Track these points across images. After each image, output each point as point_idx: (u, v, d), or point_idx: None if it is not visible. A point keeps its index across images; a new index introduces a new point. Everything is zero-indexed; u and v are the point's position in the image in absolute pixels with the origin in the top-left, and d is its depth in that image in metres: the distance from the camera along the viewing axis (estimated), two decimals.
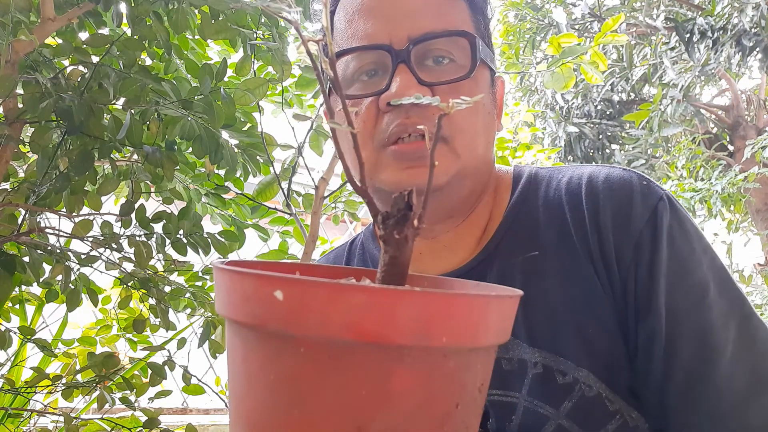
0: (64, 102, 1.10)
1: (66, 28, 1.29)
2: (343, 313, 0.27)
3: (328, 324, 0.27)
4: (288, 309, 0.27)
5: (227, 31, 1.26)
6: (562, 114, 7.05)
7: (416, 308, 0.27)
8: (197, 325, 1.62)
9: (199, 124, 1.26)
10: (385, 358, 0.28)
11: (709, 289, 0.59)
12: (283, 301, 0.27)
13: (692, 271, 0.60)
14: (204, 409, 3.49)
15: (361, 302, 0.27)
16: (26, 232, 1.23)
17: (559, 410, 0.63)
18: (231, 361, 0.32)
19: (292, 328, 0.27)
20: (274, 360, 0.28)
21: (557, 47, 1.76)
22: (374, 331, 0.27)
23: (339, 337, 0.27)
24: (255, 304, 0.28)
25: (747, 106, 7.54)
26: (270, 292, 0.27)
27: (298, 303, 0.27)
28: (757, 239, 7.02)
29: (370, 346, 0.27)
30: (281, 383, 0.28)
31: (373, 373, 0.27)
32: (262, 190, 1.58)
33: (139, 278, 1.37)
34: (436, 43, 0.62)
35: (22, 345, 1.69)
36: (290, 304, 0.27)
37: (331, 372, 0.27)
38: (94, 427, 1.49)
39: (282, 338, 0.28)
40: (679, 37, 5.75)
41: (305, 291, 0.27)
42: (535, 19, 6.67)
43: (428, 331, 0.27)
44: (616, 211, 0.62)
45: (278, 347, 0.28)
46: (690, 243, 0.61)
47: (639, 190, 0.63)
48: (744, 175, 5.36)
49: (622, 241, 0.61)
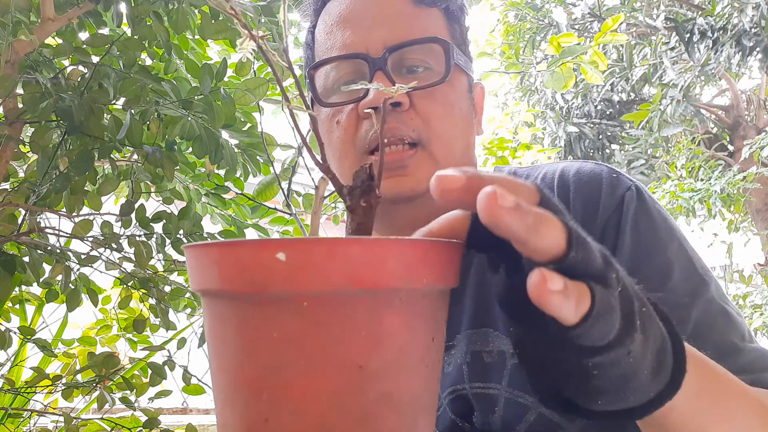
0: (64, 102, 1.10)
1: (66, 28, 1.29)
2: (342, 264, 0.29)
3: (329, 276, 0.29)
4: (290, 269, 0.29)
5: (227, 31, 1.27)
6: (562, 114, 7.05)
7: (403, 254, 0.31)
8: (197, 325, 1.62)
9: (199, 124, 1.26)
10: (378, 303, 0.31)
11: (673, 273, 0.59)
12: (285, 261, 0.29)
13: (654, 256, 0.60)
14: (204, 409, 3.49)
15: (358, 252, 0.29)
16: (26, 232, 1.23)
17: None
18: (220, 335, 0.33)
19: (295, 287, 0.29)
20: (276, 321, 0.30)
21: (557, 47, 1.76)
22: (371, 277, 0.30)
23: (339, 287, 0.29)
24: (255, 270, 0.30)
25: (747, 106, 7.54)
26: (272, 255, 0.29)
27: (300, 261, 0.29)
28: (757, 239, 7.02)
29: (366, 292, 0.30)
30: (285, 342, 0.30)
31: (369, 317, 0.30)
32: (262, 190, 1.58)
33: (139, 278, 1.37)
34: (411, 51, 0.64)
35: (22, 345, 1.69)
36: (293, 263, 0.29)
37: (333, 321, 0.30)
38: (94, 427, 1.49)
39: (284, 298, 0.30)
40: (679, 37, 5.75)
41: (307, 249, 0.29)
42: (535, 19, 6.67)
43: (413, 274, 0.31)
44: (585, 202, 0.64)
45: (280, 308, 0.30)
46: (655, 230, 0.62)
47: (608, 182, 0.64)
48: (743, 174, 5.36)
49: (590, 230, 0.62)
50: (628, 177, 0.66)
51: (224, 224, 1.60)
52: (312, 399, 0.30)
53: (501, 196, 0.28)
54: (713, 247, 6.84)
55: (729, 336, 0.57)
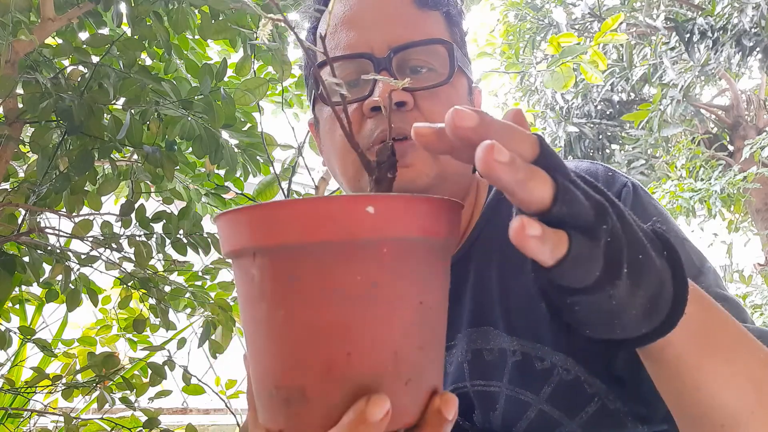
0: (64, 102, 1.10)
1: (66, 28, 1.29)
2: (416, 217, 0.36)
3: (407, 227, 0.35)
4: (377, 220, 0.34)
5: (227, 31, 1.27)
6: (562, 114, 7.05)
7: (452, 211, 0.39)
8: (197, 325, 1.62)
9: (199, 124, 1.26)
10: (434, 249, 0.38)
11: None
12: (373, 214, 0.34)
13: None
14: (204, 409, 3.49)
15: (427, 208, 0.36)
16: (26, 232, 1.23)
17: (539, 395, 0.64)
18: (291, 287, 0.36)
19: (380, 234, 0.35)
20: (361, 266, 0.35)
21: (557, 47, 1.76)
22: (433, 228, 0.36)
23: (412, 236, 0.35)
24: (346, 220, 0.34)
25: (747, 106, 7.54)
26: (363, 209, 0.34)
27: (386, 214, 0.34)
28: (757, 239, 7.02)
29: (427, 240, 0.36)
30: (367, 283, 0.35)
31: (429, 261, 0.37)
32: (262, 190, 1.58)
33: (139, 278, 1.37)
34: (415, 53, 0.65)
35: (22, 345, 1.69)
36: (380, 215, 0.34)
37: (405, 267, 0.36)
38: (94, 427, 1.49)
39: (369, 245, 0.35)
40: (679, 37, 5.75)
41: (389, 204, 0.35)
42: (535, 19, 6.67)
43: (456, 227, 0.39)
44: None
45: (365, 254, 0.35)
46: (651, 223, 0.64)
47: (604, 180, 0.66)
48: (743, 175, 5.36)
49: None
50: (623, 174, 0.67)
51: None
52: (387, 332, 0.36)
53: (498, 150, 0.31)
54: (713, 247, 6.85)
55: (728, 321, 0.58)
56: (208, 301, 1.48)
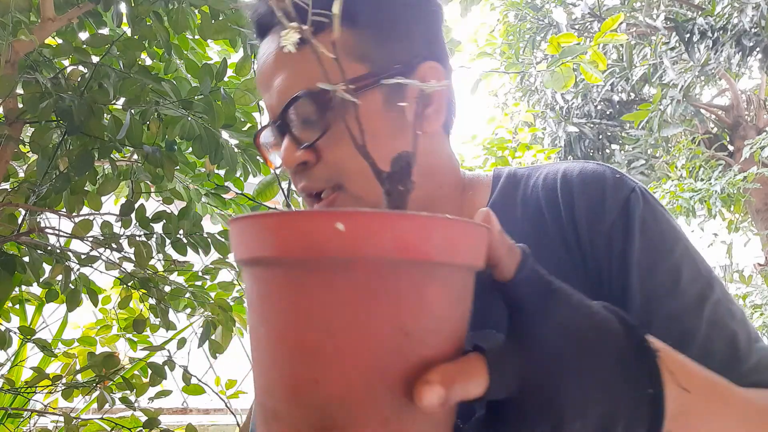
0: (64, 102, 1.10)
1: (66, 28, 1.29)
2: (393, 236, 0.33)
3: (381, 245, 0.32)
4: (348, 237, 0.32)
5: (227, 31, 1.27)
6: (562, 114, 7.05)
7: (446, 232, 0.34)
8: (197, 325, 1.62)
9: (199, 124, 1.26)
10: (423, 273, 0.34)
11: (681, 276, 0.60)
12: (344, 231, 0.32)
13: (664, 260, 0.60)
14: (204, 409, 3.49)
15: (407, 226, 0.33)
16: (26, 232, 1.23)
17: None
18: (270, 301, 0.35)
19: (350, 254, 0.32)
20: (331, 285, 0.33)
21: (557, 47, 1.76)
22: (417, 249, 0.33)
23: (390, 256, 0.33)
24: (314, 237, 0.33)
25: (747, 106, 7.54)
26: (332, 225, 0.32)
27: (356, 231, 0.32)
28: (757, 239, 7.03)
29: (413, 263, 0.33)
30: (338, 305, 0.33)
31: (414, 286, 0.34)
32: (262, 190, 1.58)
33: (139, 278, 1.37)
34: (297, 107, 0.61)
35: (22, 345, 1.69)
36: (350, 232, 0.32)
37: (382, 288, 0.33)
38: (94, 427, 1.49)
39: (340, 264, 0.33)
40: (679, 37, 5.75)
41: (362, 220, 0.33)
42: (535, 19, 6.67)
43: (453, 251, 0.35)
44: (589, 204, 0.63)
45: (335, 273, 0.33)
46: (662, 232, 0.62)
47: (611, 183, 0.64)
48: (743, 175, 5.36)
49: (596, 233, 0.62)
50: (630, 178, 0.66)
51: (224, 224, 1.60)
52: (360, 360, 0.33)
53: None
54: (713, 247, 6.85)
55: (737, 337, 0.58)
56: (208, 301, 1.48)
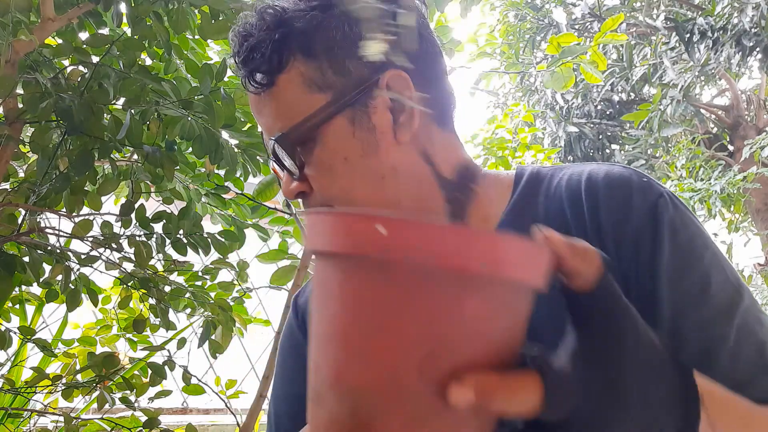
0: (64, 102, 1.10)
1: (66, 28, 1.29)
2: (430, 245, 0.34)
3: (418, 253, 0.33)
4: (388, 240, 0.34)
5: (227, 31, 1.26)
6: (562, 114, 7.05)
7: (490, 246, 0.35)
8: (197, 325, 1.62)
9: (199, 124, 1.26)
10: (461, 285, 0.34)
11: (711, 284, 0.58)
12: (385, 234, 0.34)
13: (693, 267, 0.59)
14: (204, 409, 3.49)
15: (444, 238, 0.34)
16: (26, 232, 1.23)
17: None
18: (323, 290, 0.38)
19: (388, 255, 0.34)
20: (373, 283, 0.35)
21: (557, 47, 1.76)
22: (453, 261, 0.34)
23: (425, 264, 0.34)
24: (360, 236, 0.34)
25: (747, 106, 7.54)
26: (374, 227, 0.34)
27: (395, 236, 0.34)
28: (757, 239, 7.03)
29: (448, 273, 0.34)
30: (378, 302, 0.35)
31: (450, 295, 0.34)
32: (262, 190, 1.58)
33: (139, 278, 1.37)
34: (277, 149, 0.64)
35: (22, 345, 1.69)
36: (390, 236, 0.34)
37: (417, 293, 0.34)
38: (94, 427, 1.49)
39: (380, 264, 0.34)
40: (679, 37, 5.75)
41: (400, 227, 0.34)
42: (535, 19, 6.67)
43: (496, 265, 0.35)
44: (615, 209, 0.62)
45: (377, 272, 0.35)
46: (691, 239, 0.60)
47: (638, 188, 0.62)
48: (743, 175, 5.36)
49: (622, 238, 0.61)
50: (658, 183, 0.64)
51: (224, 224, 1.60)
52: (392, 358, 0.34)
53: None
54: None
55: (765, 346, 0.57)
56: (208, 301, 1.48)
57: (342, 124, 0.62)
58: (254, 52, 0.62)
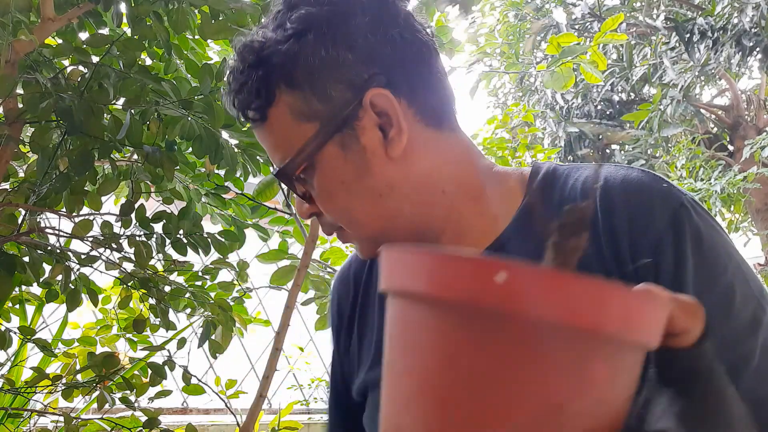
0: (64, 102, 1.10)
1: (66, 28, 1.29)
2: (561, 299, 0.29)
3: (544, 308, 0.29)
4: (508, 291, 0.29)
5: (227, 31, 1.27)
6: (562, 114, 7.05)
7: (623, 304, 0.30)
8: (197, 325, 1.62)
9: (199, 124, 1.26)
10: (587, 347, 0.30)
11: (735, 297, 0.56)
12: (503, 283, 0.29)
13: (718, 279, 0.57)
14: (204, 409, 3.49)
15: (579, 291, 0.29)
16: (26, 232, 1.23)
17: None
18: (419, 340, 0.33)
19: (507, 309, 0.29)
20: (482, 340, 0.30)
21: (557, 47, 1.76)
22: (587, 319, 0.29)
23: (553, 321, 0.29)
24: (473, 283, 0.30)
25: (747, 106, 7.55)
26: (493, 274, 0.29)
27: (519, 286, 0.29)
28: (757, 239, 7.03)
29: (578, 333, 0.30)
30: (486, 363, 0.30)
31: (576, 358, 0.30)
32: (262, 190, 1.58)
33: (139, 278, 1.37)
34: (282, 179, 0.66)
35: (22, 345, 1.69)
36: (512, 286, 0.29)
37: (538, 355, 0.30)
38: (94, 427, 1.49)
39: (494, 318, 0.30)
40: (679, 37, 5.75)
41: (528, 276, 0.30)
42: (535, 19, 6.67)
43: (628, 326, 0.31)
44: (632, 215, 0.60)
45: (488, 327, 0.30)
46: (714, 249, 0.58)
47: (658, 194, 0.60)
48: (743, 175, 5.36)
49: (639, 246, 0.59)
50: (679, 188, 0.61)
51: (224, 224, 1.60)
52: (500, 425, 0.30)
53: None
54: None
55: None
56: (208, 301, 1.48)
57: (333, 151, 0.62)
58: (243, 88, 0.63)
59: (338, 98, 0.61)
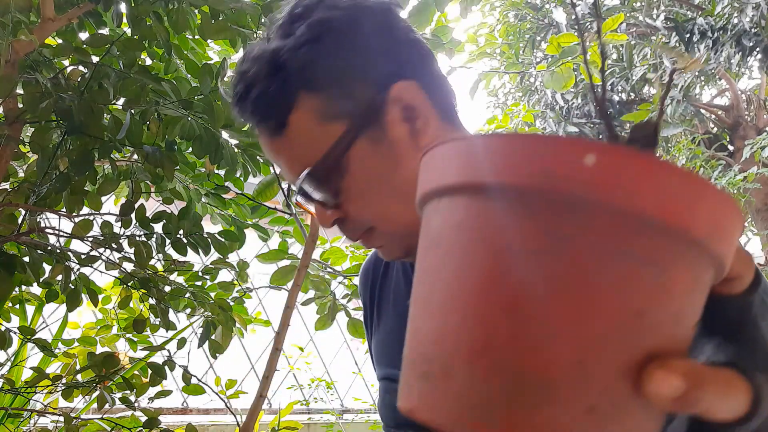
0: (64, 102, 1.10)
1: (66, 28, 1.29)
2: (656, 190, 0.25)
3: (636, 198, 0.25)
4: (596, 176, 0.25)
5: (227, 31, 1.27)
6: (562, 114, 7.05)
7: (716, 204, 0.27)
8: (197, 325, 1.62)
9: (199, 124, 1.26)
10: (674, 248, 0.26)
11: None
12: (592, 167, 0.25)
13: None
14: (204, 409, 3.50)
15: (676, 184, 0.26)
16: (26, 232, 1.23)
17: None
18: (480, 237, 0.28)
19: (593, 196, 0.25)
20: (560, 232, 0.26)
21: (557, 47, 1.76)
22: (680, 218, 0.26)
23: (645, 214, 0.25)
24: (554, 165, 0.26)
25: (747, 106, 7.55)
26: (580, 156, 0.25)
27: (610, 170, 0.25)
28: (757, 239, 7.03)
29: (668, 231, 0.26)
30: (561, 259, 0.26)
31: (659, 261, 0.26)
32: (262, 190, 1.58)
33: (139, 278, 1.37)
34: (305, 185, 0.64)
35: (22, 345, 1.69)
36: (601, 170, 0.25)
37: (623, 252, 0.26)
38: (94, 427, 1.49)
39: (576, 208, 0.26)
40: (679, 37, 5.75)
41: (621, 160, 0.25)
42: (535, 19, 6.67)
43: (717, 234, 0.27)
44: None
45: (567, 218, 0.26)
46: None
47: None
48: (743, 175, 5.36)
49: None
50: None
51: (224, 224, 1.60)
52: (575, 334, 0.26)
53: None
54: None
55: None
56: (208, 301, 1.48)
57: (364, 147, 0.62)
58: (261, 99, 0.62)
59: (363, 95, 0.62)
